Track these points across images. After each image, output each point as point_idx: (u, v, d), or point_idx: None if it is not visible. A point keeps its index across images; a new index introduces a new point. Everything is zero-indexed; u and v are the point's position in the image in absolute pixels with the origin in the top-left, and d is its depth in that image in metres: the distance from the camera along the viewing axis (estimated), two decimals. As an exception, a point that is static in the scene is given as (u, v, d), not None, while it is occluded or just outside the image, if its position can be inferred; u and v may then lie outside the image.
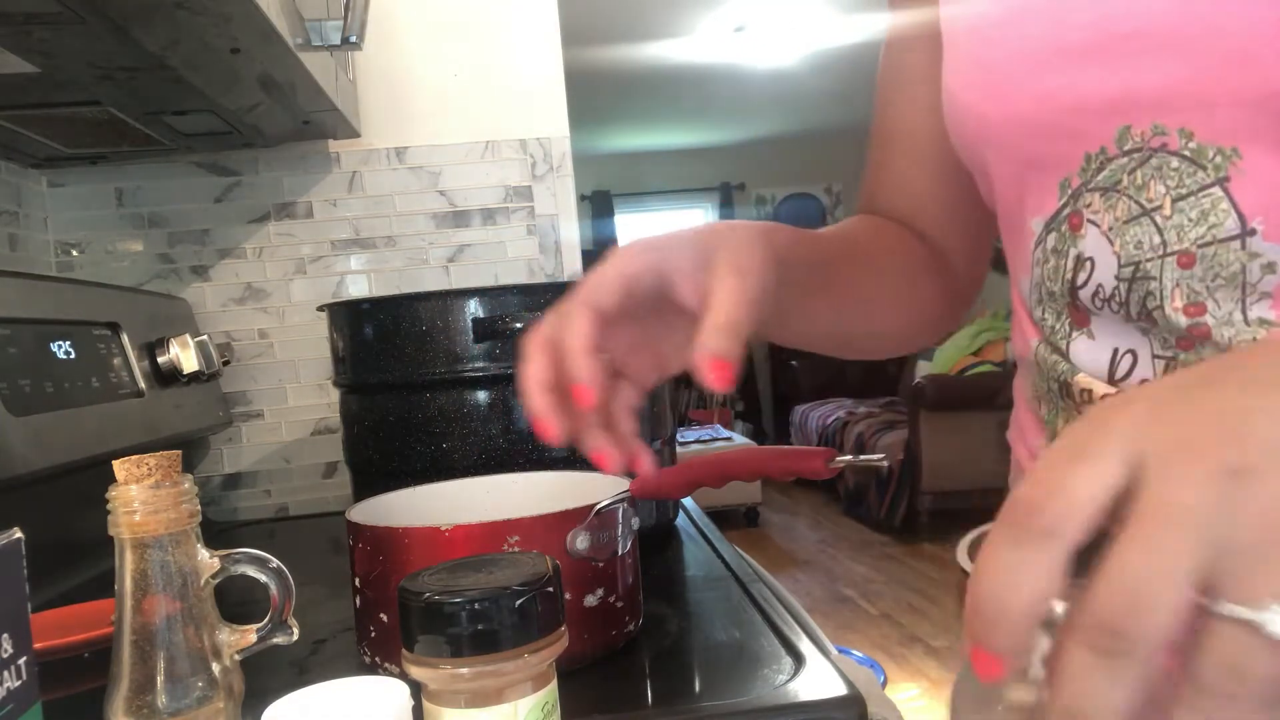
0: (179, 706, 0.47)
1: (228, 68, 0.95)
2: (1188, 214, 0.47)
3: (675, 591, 0.83)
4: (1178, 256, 0.47)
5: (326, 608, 0.84)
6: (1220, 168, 0.45)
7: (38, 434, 0.84)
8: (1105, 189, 0.50)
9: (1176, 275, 0.47)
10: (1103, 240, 0.50)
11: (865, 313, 0.67)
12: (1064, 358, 0.54)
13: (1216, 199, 0.46)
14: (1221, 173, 0.45)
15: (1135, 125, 0.48)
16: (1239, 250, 0.45)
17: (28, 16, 0.76)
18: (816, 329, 0.65)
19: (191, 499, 0.49)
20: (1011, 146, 0.54)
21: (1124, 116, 0.48)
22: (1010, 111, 0.53)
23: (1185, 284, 0.47)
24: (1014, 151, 0.55)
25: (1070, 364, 0.54)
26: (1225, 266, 0.46)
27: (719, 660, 0.67)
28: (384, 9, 1.38)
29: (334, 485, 1.41)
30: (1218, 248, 0.46)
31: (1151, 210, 0.48)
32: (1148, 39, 0.45)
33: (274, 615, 0.52)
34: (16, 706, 0.41)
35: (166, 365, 1.15)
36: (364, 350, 0.99)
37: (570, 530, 0.64)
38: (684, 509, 1.12)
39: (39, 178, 1.35)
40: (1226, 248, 0.46)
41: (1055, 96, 0.50)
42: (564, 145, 1.44)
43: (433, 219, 1.42)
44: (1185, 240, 0.47)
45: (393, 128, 1.41)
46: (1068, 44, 0.49)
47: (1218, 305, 0.46)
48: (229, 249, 1.39)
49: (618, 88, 5.40)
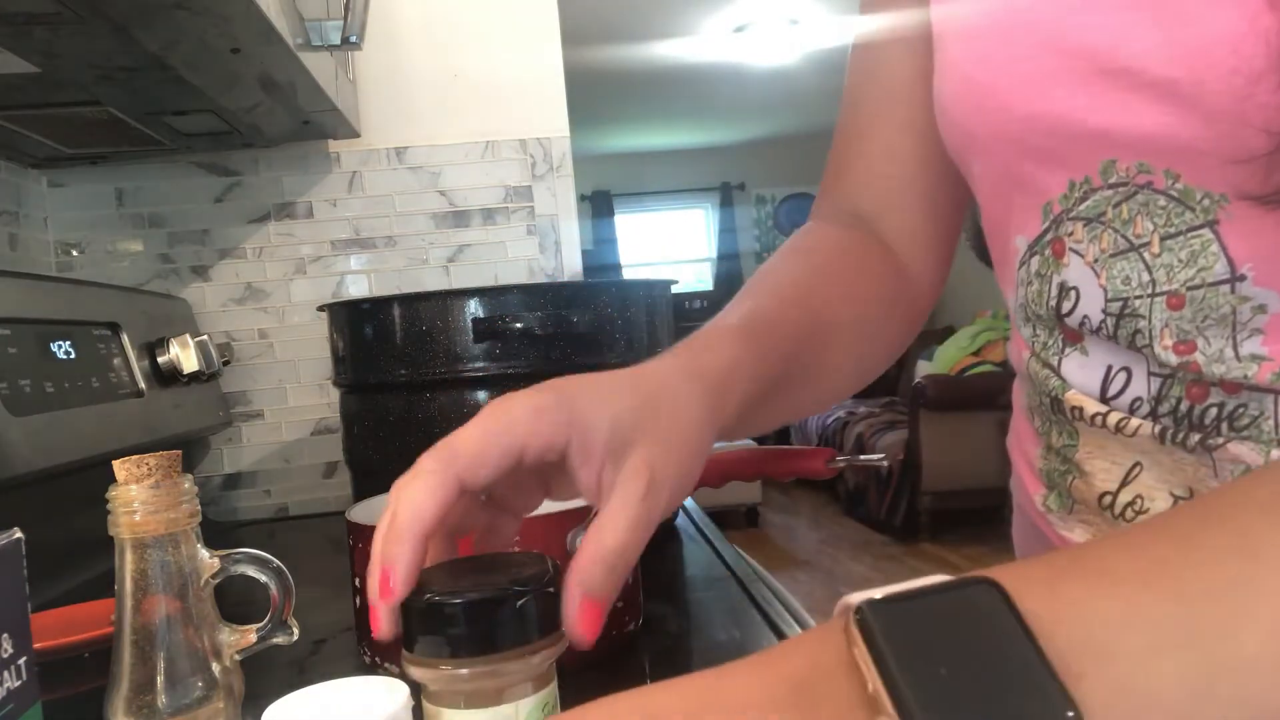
0: (179, 706, 0.47)
1: (228, 68, 0.95)
2: (1177, 254, 0.46)
3: (675, 591, 0.84)
4: (1167, 298, 0.46)
5: (326, 608, 0.84)
6: (1209, 210, 0.44)
7: (38, 434, 0.84)
8: (1089, 219, 0.49)
9: (1165, 316, 0.46)
10: (1088, 271, 0.49)
11: (829, 385, 0.62)
12: (1055, 373, 0.53)
13: (1206, 241, 0.44)
14: (1210, 215, 0.44)
15: (1121, 160, 0.46)
16: (1229, 294, 0.44)
17: (28, 16, 0.76)
18: (768, 427, 0.58)
19: (191, 499, 0.49)
20: (997, 163, 0.53)
21: (1109, 150, 0.47)
22: (997, 130, 0.52)
23: (1174, 324, 0.46)
24: (1000, 168, 0.54)
25: (1061, 380, 0.53)
26: (1215, 309, 0.45)
27: (719, 660, 0.67)
28: (384, 9, 1.38)
29: (334, 485, 1.41)
30: (1207, 291, 0.45)
31: (1140, 246, 0.47)
32: (1135, 78, 0.44)
33: (274, 615, 0.52)
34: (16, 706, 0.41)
35: (166, 365, 1.15)
36: (364, 350, 0.99)
37: (570, 530, 0.64)
38: (684, 509, 1.12)
39: (39, 178, 1.35)
40: (1216, 291, 0.45)
41: (1040, 120, 0.49)
42: (564, 145, 1.44)
43: (433, 219, 1.42)
44: (1175, 281, 0.46)
45: (393, 128, 1.41)
46: (1056, 70, 0.47)
47: (1208, 343, 0.45)
48: (229, 249, 1.39)
49: (618, 88, 5.40)
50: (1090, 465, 0.52)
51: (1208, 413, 0.46)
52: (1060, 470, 0.55)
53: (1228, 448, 0.46)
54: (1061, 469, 0.55)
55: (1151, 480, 0.50)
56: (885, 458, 0.63)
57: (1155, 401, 0.48)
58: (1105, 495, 0.52)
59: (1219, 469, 0.47)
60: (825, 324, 0.58)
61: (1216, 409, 0.46)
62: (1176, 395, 0.47)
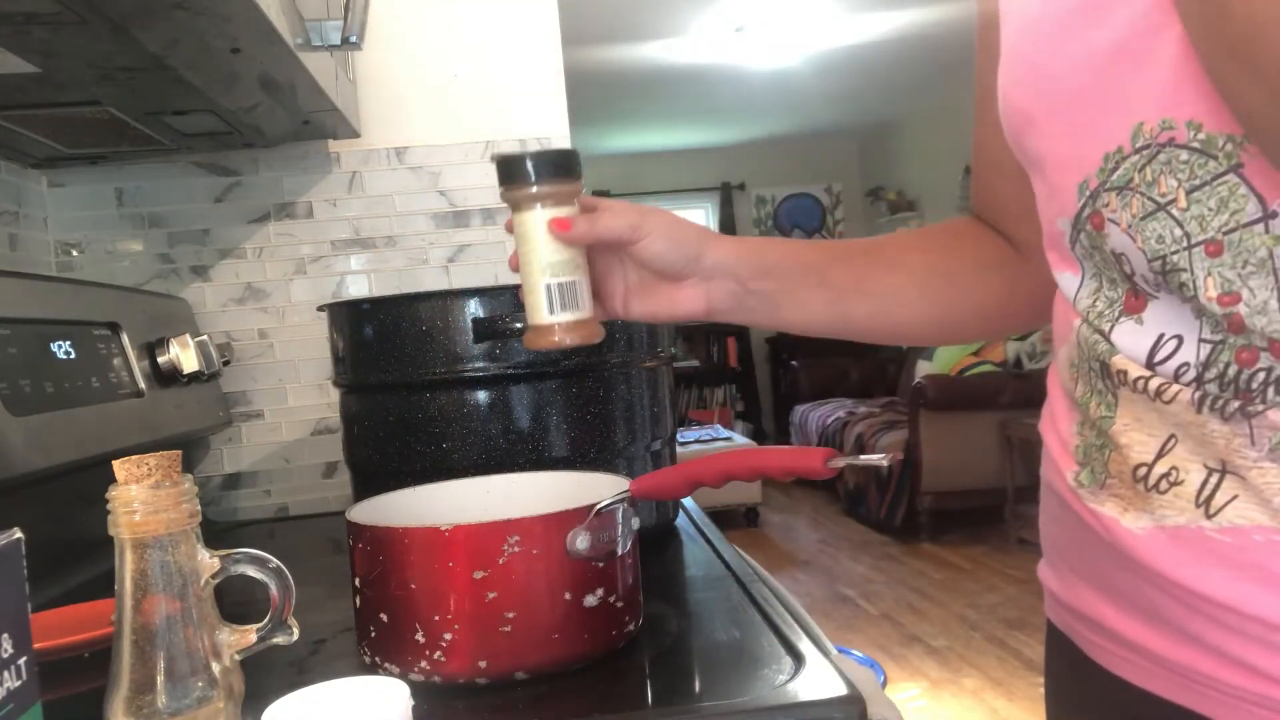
0: (179, 706, 0.47)
1: (228, 68, 0.95)
2: (1206, 204, 0.47)
3: (675, 591, 0.84)
4: (1205, 245, 0.48)
5: (326, 608, 0.84)
6: (1232, 155, 0.46)
7: (38, 434, 0.84)
8: (1120, 188, 0.51)
9: (1207, 264, 0.48)
10: (1125, 237, 0.51)
11: (876, 307, 0.74)
12: (1105, 338, 0.55)
13: (1234, 185, 0.46)
14: (1234, 160, 0.46)
15: (1146, 122, 0.49)
16: (1263, 234, 0.46)
17: (28, 16, 0.76)
18: (814, 319, 0.74)
19: (191, 499, 0.49)
20: (1048, 144, 0.56)
21: (1138, 114, 0.49)
22: (1049, 107, 0.54)
23: (1217, 272, 0.48)
24: (1049, 149, 0.56)
25: (1110, 344, 0.55)
26: (1253, 252, 0.46)
27: (719, 660, 0.67)
28: (384, 9, 1.38)
29: (334, 485, 1.41)
30: (1242, 233, 0.46)
31: (1166, 205, 0.49)
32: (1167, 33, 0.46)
33: (274, 615, 0.52)
34: (16, 706, 0.41)
35: (166, 365, 1.15)
36: (364, 350, 0.99)
37: (570, 530, 0.64)
38: (684, 509, 1.12)
39: (39, 178, 1.35)
40: (1251, 232, 0.46)
41: (1085, 94, 0.51)
42: (564, 145, 1.44)
43: (433, 219, 1.42)
44: (1209, 230, 0.47)
45: (393, 128, 1.41)
46: (1098, 43, 0.50)
47: (1252, 294, 0.47)
48: (229, 249, 1.39)
49: (618, 88, 5.40)
50: (1126, 438, 0.54)
51: (1255, 377, 0.48)
52: (1096, 445, 0.56)
53: (1268, 414, 0.47)
54: (1097, 444, 0.56)
55: (1185, 452, 0.51)
56: (886, 457, 0.63)
57: (1203, 367, 0.50)
58: (1140, 467, 0.53)
59: (1256, 436, 0.48)
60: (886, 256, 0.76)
61: (1264, 373, 0.47)
62: (1225, 360, 0.49)
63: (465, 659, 0.63)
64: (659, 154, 7.34)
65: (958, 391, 4.60)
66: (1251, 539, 0.49)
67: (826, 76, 5.44)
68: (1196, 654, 0.52)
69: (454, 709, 0.62)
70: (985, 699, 2.90)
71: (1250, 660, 0.50)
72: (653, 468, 1.02)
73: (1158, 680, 0.56)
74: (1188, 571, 0.51)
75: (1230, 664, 0.51)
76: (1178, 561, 0.51)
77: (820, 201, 7.53)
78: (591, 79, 5.03)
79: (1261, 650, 0.49)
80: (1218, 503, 0.50)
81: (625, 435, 0.99)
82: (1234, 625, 0.50)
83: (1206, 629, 0.51)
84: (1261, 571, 0.48)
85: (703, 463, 0.69)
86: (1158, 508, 0.52)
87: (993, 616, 3.55)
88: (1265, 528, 0.48)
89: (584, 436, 0.96)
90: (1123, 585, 0.56)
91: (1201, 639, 0.52)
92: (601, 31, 4.32)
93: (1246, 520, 0.49)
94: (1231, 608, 0.50)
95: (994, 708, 2.84)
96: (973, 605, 3.68)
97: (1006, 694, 2.91)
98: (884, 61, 5.21)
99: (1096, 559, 0.58)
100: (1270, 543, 0.48)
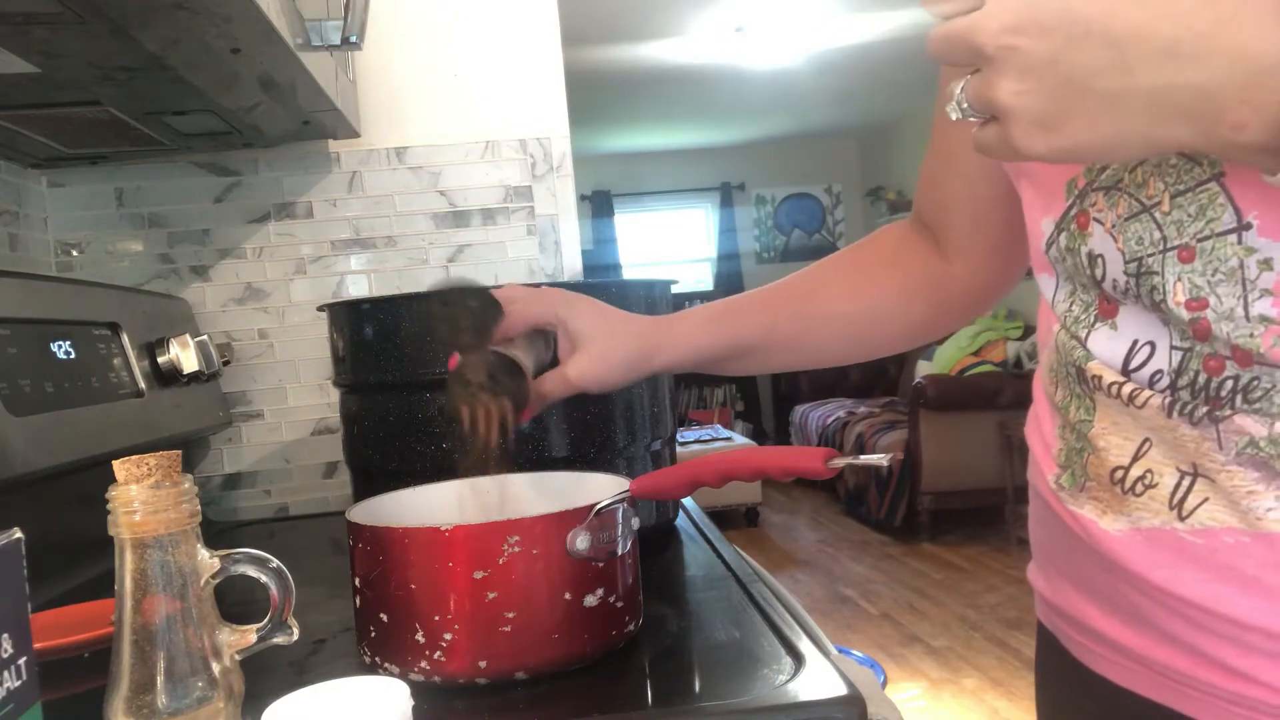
0: (179, 706, 0.47)
1: (228, 68, 0.95)
2: (1186, 209, 0.48)
3: (675, 591, 0.84)
4: (1178, 251, 0.49)
5: (326, 608, 0.84)
6: (1215, 163, 0.47)
7: (38, 434, 0.84)
8: (1108, 188, 0.51)
9: (1178, 269, 0.49)
10: (1107, 238, 0.52)
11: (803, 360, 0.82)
12: (1081, 344, 0.56)
13: (1214, 193, 0.47)
14: (1217, 167, 0.47)
15: None
16: (1235, 244, 0.47)
17: (28, 16, 0.76)
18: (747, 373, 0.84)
19: (191, 499, 0.49)
20: None
21: None
22: None
23: (1187, 278, 0.48)
24: None
25: (1086, 350, 0.55)
26: (1224, 261, 0.47)
27: (719, 660, 0.67)
28: (384, 9, 1.38)
29: (334, 485, 1.41)
30: (1215, 241, 0.47)
31: (1151, 207, 0.49)
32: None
33: (274, 615, 0.52)
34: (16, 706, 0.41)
35: (166, 365, 1.15)
36: (364, 350, 0.99)
37: (570, 530, 0.64)
38: (684, 509, 1.12)
39: (39, 178, 1.35)
40: (1224, 241, 0.47)
41: None
42: (564, 145, 1.44)
43: (433, 219, 1.42)
44: (1185, 235, 0.48)
45: (393, 128, 1.41)
46: None
47: (1220, 301, 0.47)
48: (229, 249, 1.39)
49: (618, 88, 5.40)
50: (1104, 441, 0.55)
51: (1223, 385, 0.49)
52: (1075, 449, 0.57)
53: (1234, 419, 0.48)
54: (1077, 447, 0.57)
55: (1159, 456, 0.52)
56: (886, 457, 0.63)
57: (1175, 374, 0.50)
58: (1117, 470, 0.54)
59: (1223, 441, 0.49)
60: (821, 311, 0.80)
61: (1232, 381, 0.48)
62: (1195, 368, 0.49)
63: (465, 659, 0.63)
64: (659, 154, 7.34)
65: (958, 391, 4.60)
66: (1222, 540, 0.49)
67: (826, 76, 5.43)
68: (1174, 653, 0.53)
69: (454, 709, 0.62)
70: (985, 699, 2.90)
71: (1224, 659, 0.51)
72: (653, 468, 1.02)
73: (1139, 679, 0.56)
74: (1163, 573, 0.52)
75: (1206, 663, 0.52)
76: (1153, 563, 0.52)
77: (820, 201, 7.53)
78: (591, 79, 5.03)
79: (1234, 649, 0.50)
80: (1190, 505, 0.51)
81: (625, 435, 0.99)
82: (1207, 625, 0.51)
83: (1182, 629, 0.52)
84: (1232, 572, 0.49)
85: (703, 463, 0.69)
86: (1134, 510, 0.53)
87: (993, 616, 3.55)
88: (1235, 529, 0.49)
89: (584, 436, 0.96)
90: (1103, 586, 0.57)
91: (1178, 638, 0.52)
92: (601, 31, 4.32)
93: (1217, 522, 0.50)
94: (1204, 608, 0.50)
95: (994, 708, 2.84)
96: (973, 605, 3.68)
97: (1006, 694, 2.92)
98: (884, 61, 5.20)
99: (1078, 560, 0.59)
100: (1240, 544, 0.49)
